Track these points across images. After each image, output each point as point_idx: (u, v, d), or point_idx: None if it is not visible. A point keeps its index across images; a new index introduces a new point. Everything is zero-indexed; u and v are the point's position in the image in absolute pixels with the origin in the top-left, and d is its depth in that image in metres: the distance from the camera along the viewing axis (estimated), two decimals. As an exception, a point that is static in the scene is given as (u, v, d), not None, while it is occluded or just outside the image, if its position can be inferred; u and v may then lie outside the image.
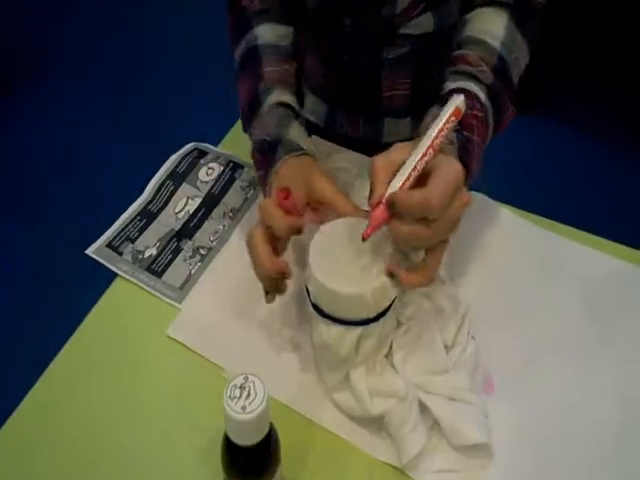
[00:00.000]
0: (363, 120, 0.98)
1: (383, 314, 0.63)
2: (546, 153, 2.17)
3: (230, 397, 0.48)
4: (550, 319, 0.76)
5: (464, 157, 0.60)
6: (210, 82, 2.12)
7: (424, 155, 0.55)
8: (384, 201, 0.54)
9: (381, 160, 0.57)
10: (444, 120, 0.56)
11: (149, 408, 0.71)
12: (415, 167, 0.55)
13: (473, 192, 0.86)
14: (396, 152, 0.57)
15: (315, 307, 0.64)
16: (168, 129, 1.77)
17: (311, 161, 0.69)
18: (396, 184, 0.55)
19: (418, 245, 0.59)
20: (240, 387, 0.49)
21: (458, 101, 0.57)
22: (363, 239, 0.57)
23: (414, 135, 0.61)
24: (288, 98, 0.73)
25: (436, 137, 0.55)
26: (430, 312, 0.71)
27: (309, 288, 0.64)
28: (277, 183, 0.67)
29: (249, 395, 0.48)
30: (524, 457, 0.65)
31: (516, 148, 1.80)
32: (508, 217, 0.85)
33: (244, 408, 0.47)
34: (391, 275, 0.60)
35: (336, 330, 0.63)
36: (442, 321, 0.71)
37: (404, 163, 0.55)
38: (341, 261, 0.62)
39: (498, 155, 0.75)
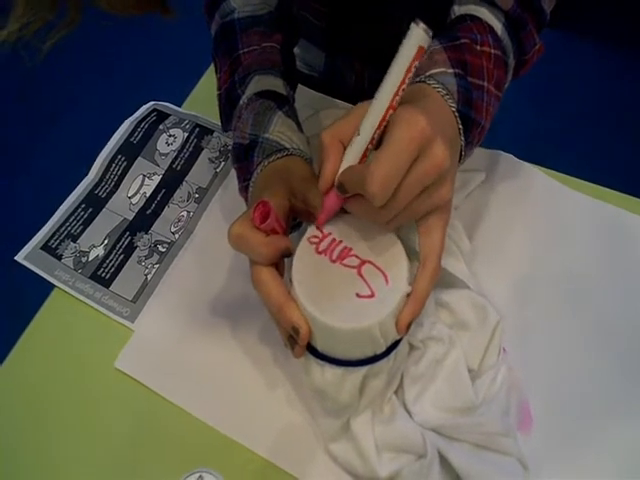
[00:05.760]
0: (369, 66, 0.80)
1: (395, 346, 0.47)
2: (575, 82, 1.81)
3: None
4: (600, 320, 0.59)
5: (468, 111, 0.48)
6: (172, 28, 1.59)
7: (383, 120, 0.42)
8: (335, 185, 0.45)
9: (329, 134, 0.44)
10: (404, 69, 0.39)
11: (94, 461, 0.56)
12: (372, 139, 0.43)
13: (491, 150, 0.69)
14: (349, 119, 0.44)
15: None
16: (122, 88, 1.46)
17: (297, 162, 0.52)
18: (350, 159, 0.44)
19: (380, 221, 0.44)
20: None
21: (420, 37, 0.38)
22: (317, 227, 0.47)
23: None
24: (271, 82, 0.59)
25: (396, 95, 0.41)
26: (450, 328, 0.54)
27: None
28: (256, 198, 0.49)
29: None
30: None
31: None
32: (543, 183, 0.67)
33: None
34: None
35: (333, 373, 0.47)
36: (466, 339, 0.55)
37: (358, 133, 0.43)
38: (336, 282, 0.45)
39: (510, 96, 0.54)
